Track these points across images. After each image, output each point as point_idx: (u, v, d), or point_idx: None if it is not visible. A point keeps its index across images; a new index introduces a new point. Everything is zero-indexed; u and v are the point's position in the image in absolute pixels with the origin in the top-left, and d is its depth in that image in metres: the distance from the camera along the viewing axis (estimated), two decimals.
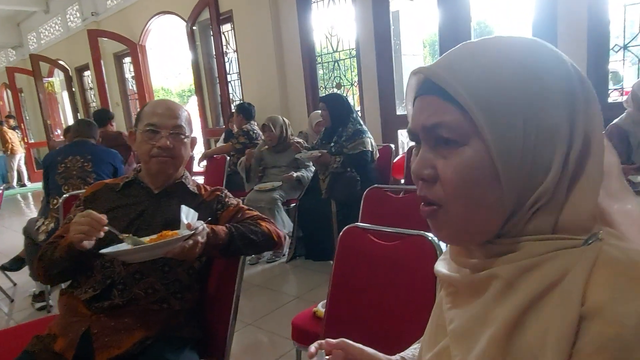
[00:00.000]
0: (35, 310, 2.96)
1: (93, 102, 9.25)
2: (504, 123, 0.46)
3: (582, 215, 0.47)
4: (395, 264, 1.19)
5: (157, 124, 1.29)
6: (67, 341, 1.17)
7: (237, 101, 5.67)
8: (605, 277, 0.42)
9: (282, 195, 3.51)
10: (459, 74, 0.48)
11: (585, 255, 0.44)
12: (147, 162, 1.32)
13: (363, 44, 4.38)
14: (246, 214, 1.38)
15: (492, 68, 0.47)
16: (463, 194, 0.48)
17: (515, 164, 0.46)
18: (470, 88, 0.47)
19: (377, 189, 1.91)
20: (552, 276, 0.45)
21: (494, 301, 0.49)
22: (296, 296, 2.87)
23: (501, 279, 0.48)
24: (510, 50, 0.48)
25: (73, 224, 1.11)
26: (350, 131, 3.04)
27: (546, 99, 0.46)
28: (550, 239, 0.47)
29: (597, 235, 0.46)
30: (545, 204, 0.48)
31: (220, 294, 1.40)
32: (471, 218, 0.49)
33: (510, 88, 0.46)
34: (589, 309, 0.41)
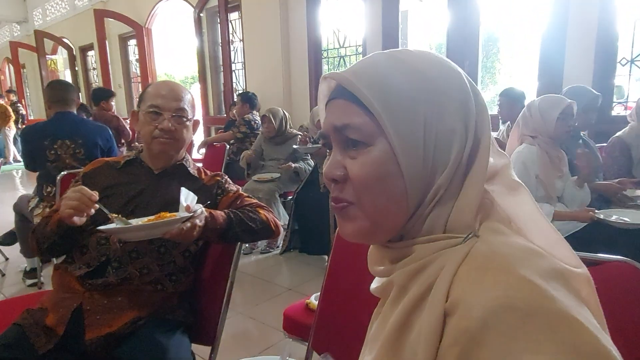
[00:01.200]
0: (26, 287, 2.94)
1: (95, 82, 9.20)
2: (406, 125, 0.49)
3: (467, 212, 0.50)
4: None
5: (160, 105, 1.28)
6: (58, 316, 1.16)
7: (240, 90, 5.64)
8: (465, 272, 0.44)
9: (279, 187, 3.51)
10: (366, 80, 0.51)
11: (457, 253, 0.47)
12: (149, 143, 1.31)
13: (370, 42, 4.37)
14: (245, 201, 1.38)
15: (397, 75, 0.51)
16: (370, 190, 0.51)
17: (417, 161, 0.49)
18: (376, 92, 0.50)
19: None
20: (432, 277, 0.47)
21: (390, 306, 0.52)
22: (288, 288, 2.87)
23: (396, 284, 0.52)
24: (414, 61, 0.52)
25: (64, 199, 1.10)
26: None
27: (445, 106, 0.50)
28: (438, 239, 0.50)
29: (474, 232, 0.49)
30: (440, 200, 0.50)
31: (215, 280, 1.39)
32: (379, 212, 0.51)
33: (413, 95, 0.50)
34: (450, 304, 0.43)
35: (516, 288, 0.40)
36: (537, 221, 0.53)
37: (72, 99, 2.81)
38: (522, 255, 0.44)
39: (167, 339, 1.17)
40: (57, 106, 2.75)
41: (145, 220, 1.12)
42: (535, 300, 0.39)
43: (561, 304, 0.39)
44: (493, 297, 0.40)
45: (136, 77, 8.03)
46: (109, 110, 4.74)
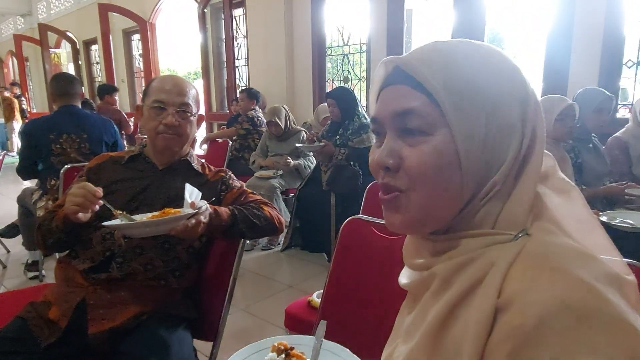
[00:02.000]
0: (28, 279, 2.95)
1: (99, 77, 9.20)
2: (469, 115, 0.49)
3: (519, 209, 0.49)
4: (395, 257, 1.19)
5: (165, 100, 1.28)
6: (62, 310, 1.17)
7: (243, 87, 5.64)
8: (520, 270, 0.44)
9: (281, 184, 3.50)
10: (430, 65, 0.50)
11: (509, 250, 0.46)
12: (153, 138, 1.31)
13: (374, 40, 4.36)
14: (249, 198, 1.38)
15: (463, 65, 0.50)
16: (427, 180, 0.50)
17: (476, 155, 0.49)
18: (440, 79, 0.49)
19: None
20: (480, 271, 0.47)
21: (432, 299, 0.51)
22: (289, 285, 2.87)
23: (439, 277, 0.51)
24: (479, 52, 0.51)
25: (68, 196, 1.10)
26: (356, 125, 3.03)
27: (507, 101, 0.50)
28: (486, 234, 0.50)
29: (526, 231, 0.48)
30: (494, 195, 0.50)
31: (218, 276, 1.40)
32: (431, 203, 0.51)
33: (478, 85, 0.49)
34: (503, 300, 0.43)
35: (574, 289, 0.40)
36: (588, 225, 0.53)
37: (77, 93, 2.80)
38: (577, 257, 0.44)
39: (170, 335, 1.17)
40: (62, 100, 2.74)
41: (149, 217, 1.12)
42: (593, 302, 0.39)
43: (619, 309, 0.39)
44: (550, 296, 0.40)
45: (139, 72, 8.03)
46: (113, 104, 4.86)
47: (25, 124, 2.94)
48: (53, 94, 2.78)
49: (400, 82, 0.52)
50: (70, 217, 1.09)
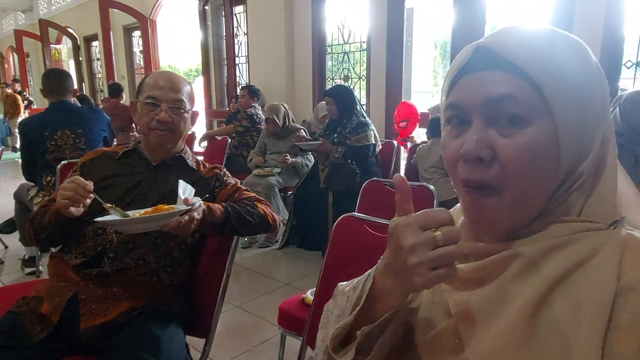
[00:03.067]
0: (25, 275, 2.95)
1: (99, 73, 9.20)
2: (571, 105, 0.47)
3: (607, 201, 0.49)
4: None
5: (157, 97, 1.27)
6: (53, 305, 1.17)
7: (243, 84, 5.63)
8: (636, 258, 0.44)
9: (279, 181, 3.50)
10: (530, 49, 0.47)
11: (614, 238, 0.46)
12: (147, 134, 1.30)
13: (374, 38, 4.35)
14: (243, 195, 1.37)
15: (562, 51, 0.48)
16: (525, 175, 0.47)
17: (572, 146, 0.48)
18: (541, 64, 0.46)
19: (376, 182, 1.91)
20: (580, 255, 0.46)
21: (513, 280, 0.49)
22: (286, 283, 2.87)
23: (524, 257, 0.49)
24: (569, 41, 0.50)
25: (60, 189, 1.10)
26: (354, 123, 3.03)
27: (593, 91, 0.49)
28: (576, 221, 0.49)
29: (620, 222, 0.47)
30: (580, 186, 0.49)
31: (211, 272, 1.39)
32: (526, 198, 0.49)
33: (576, 73, 0.48)
34: (626, 284, 0.43)
35: None
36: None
37: (69, 89, 2.78)
38: None
39: (161, 331, 1.16)
40: (53, 96, 2.73)
41: (142, 213, 1.12)
42: None
43: None
44: None
45: (140, 69, 8.03)
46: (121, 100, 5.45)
47: (20, 122, 2.93)
48: (44, 90, 2.78)
49: (492, 67, 0.48)
50: (62, 211, 1.09)
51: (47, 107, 2.79)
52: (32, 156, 2.69)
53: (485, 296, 0.51)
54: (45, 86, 2.76)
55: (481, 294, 0.51)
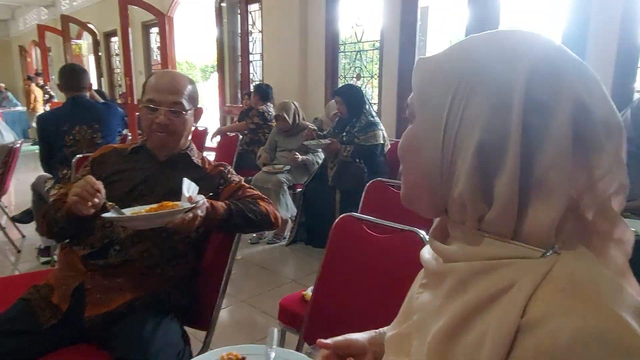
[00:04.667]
0: (40, 264, 3.05)
1: (117, 68, 9.35)
2: (430, 107, 0.52)
3: (542, 224, 0.47)
4: (384, 256, 1.21)
5: (156, 100, 1.31)
6: (61, 293, 1.22)
7: (257, 81, 5.68)
8: (549, 292, 0.43)
9: (288, 179, 3.53)
10: (420, 64, 0.55)
11: (536, 269, 0.45)
12: (149, 135, 1.36)
13: (387, 37, 4.34)
14: (247, 192, 1.41)
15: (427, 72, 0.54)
16: (406, 159, 0.57)
17: (429, 147, 0.52)
18: (418, 80, 0.54)
19: (379, 182, 1.92)
20: (503, 283, 0.46)
21: (447, 296, 0.51)
22: (292, 279, 2.91)
23: (456, 275, 0.50)
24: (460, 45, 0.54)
25: (72, 189, 1.15)
26: (364, 122, 3.04)
27: (475, 93, 0.49)
28: (512, 243, 0.48)
29: (556, 249, 0.46)
30: (504, 205, 0.47)
31: (214, 267, 1.43)
32: (413, 184, 0.56)
33: (441, 80, 0.51)
34: (527, 321, 0.42)
35: (608, 321, 0.40)
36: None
37: (84, 85, 2.86)
38: (612, 288, 0.43)
39: (157, 321, 1.21)
40: (69, 91, 2.81)
41: (147, 209, 1.16)
42: (627, 337, 0.39)
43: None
44: (583, 325, 0.39)
45: (157, 64, 8.14)
46: None
47: (38, 117, 3.02)
48: (61, 86, 2.86)
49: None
50: (72, 209, 1.14)
51: (64, 102, 2.87)
52: (49, 149, 2.78)
53: (430, 307, 0.54)
54: (61, 82, 2.84)
55: (430, 304, 0.54)
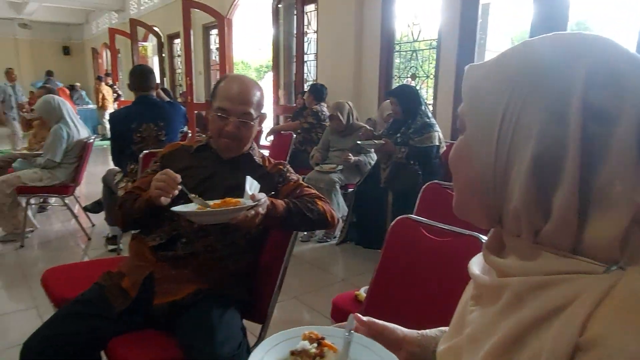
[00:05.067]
0: (107, 251, 3.27)
1: (179, 69, 9.80)
2: (482, 116, 0.50)
3: (605, 237, 0.44)
4: (443, 260, 1.19)
5: (228, 109, 1.36)
6: (133, 281, 1.30)
7: (311, 81, 5.75)
8: (611, 310, 0.40)
9: (341, 178, 3.55)
10: (470, 72, 0.54)
11: (598, 285, 0.42)
12: (216, 139, 1.41)
13: (445, 35, 4.24)
14: (304, 191, 1.43)
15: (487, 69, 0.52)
16: (455, 173, 0.56)
17: (482, 158, 0.50)
18: (468, 88, 0.53)
19: (436, 185, 1.89)
20: (561, 300, 0.43)
21: (502, 312, 0.49)
22: (342, 278, 2.92)
23: (512, 291, 0.48)
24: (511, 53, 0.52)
25: (153, 181, 1.23)
26: (419, 124, 2.99)
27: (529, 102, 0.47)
28: (571, 257, 0.45)
29: (620, 265, 0.43)
30: (562, 217, 0.45)
31: (271, 263, 1.48)
32: (464, 198, 0.56)
33: (491, 90, 0.50)
34: (586, 339, 0.40)
35: None
36: None
37: (152, 85, 3.05)
38: None
39: (221, 313, 1.26)
40: (138, 91, 3.01)
41: (211, 204, 1.22)
42: None
43: None
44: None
45: (215, 65, 8.45)
46: None
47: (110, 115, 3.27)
48: (130, 86, 3.06)
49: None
50: (153, 199, 1.22)
51: (133, 101, 3.07)
52: (120, 146, 2.98)
53: (483, 323, 0.52)
54: (131, 82, 3.04)
55: (484, 319, 0.52)
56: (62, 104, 3.56)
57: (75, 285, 1.53)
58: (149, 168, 1.47)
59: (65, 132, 3.44)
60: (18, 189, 3.30)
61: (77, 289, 1.42)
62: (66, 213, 4.22)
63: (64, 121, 3.48)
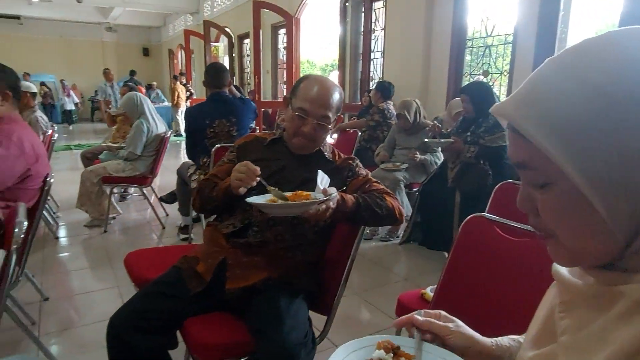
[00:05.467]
0: (179, 240, 3.47)
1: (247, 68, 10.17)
2: (583, 152, 0.42)
3: None
4: (519, 261, 1.13)
5: (308, 110, 1.38)
6: (207, 266, 1.37)
7: (377, 79, 5.70)
8: None
9: (406, 177, 3.49)
10: (529, 111, 0.45)
11: None
12: (291, 137, 1.44)
13: (522, 30, 4.02)
14: (373, 186, 1.43)
15: (565, 96, 0.43)
16: (565, 228, 0.48)
17: (609, 191, 0.42)
18: (542, 125, 0.44)
19: (511, 185, 1.80)
20: None
21: (617, 320, 0.46)
22: (404, 278, 2.88)
23: (629, 299, 0.45)
24: (589, 66, 0.43)
25: (234, 171, 1.27)
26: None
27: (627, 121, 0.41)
28: None
29: None
30: None
31: (337, 257, 1.49)
32: (582, 246, 0.48)
33: (585, 117, 0.42)
34: None
35: None
36: None
37: (225, 83, 3.19)
38: None
39: (290, 301, 1.29)
40: (212, 88, 3.17)
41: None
42: None
43: None
44: None
45: (282, 64, 8.66)
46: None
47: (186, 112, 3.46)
48: (205, 82, 3.23)
49: (512, 129, 0.49)
50: (233, 190, 1.27)
51: (207, 98, 3.23)
52: (194, 140, 3.15)
53: (590, 332, 0.49)
54: (206, 79, 3.20)
55: (587, 328, 0.49)
56: (144, 101, 3.83)
57: (155, 268, 1.64)
58: (225, 157, 1.53)
59: (146, 127, 3.69)
60: (103, 179, 3.60)
61: (156, 271, 1.53)
62: (143, 202, 4.54)
63: (145, 116, 3.74)
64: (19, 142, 1.82)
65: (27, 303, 2.33)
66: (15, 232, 1.12)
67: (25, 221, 1.17)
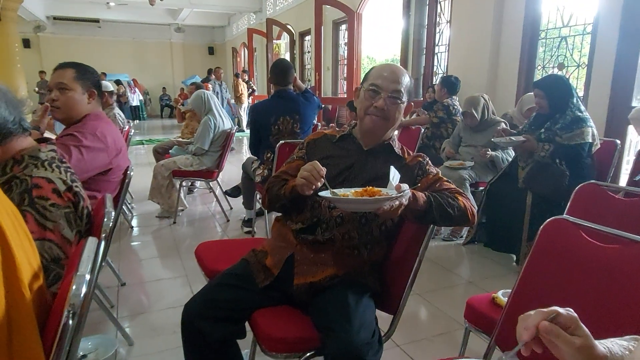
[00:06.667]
0: (243, 233, 3.58)
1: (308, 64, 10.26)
2: None
3: None
4: (609, 270, 1.04)
5: (380, 85, 1.38)
6: (275, 260, 1.40)
7: (440, 74, 5.53)
8: None
9: (471, 175, 3.36)
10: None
11: None
12: (362, 117, 1.43)
13: (604, 19, 3.71)
14: (444, 185, 1.38)
15: None
16: None
17: None
18: None
19: (593, 186, 1.67)
20: None
21: None
22: (468, 280, 2.77)
23: None
24: None
25: (301, 170, 1.27)
26: (569, 118, 2.66)
27: None
28: None
29: None
30: None
31: (404, 256, 1.46)
32: None
33: None
34: None
35: None
36: None
37: (290, 80, 3.23)
38: None
39: (357, 299, 1.29)
40: (277, 85, 3.22)
41: (352, 192, 1.23)
42: None
43: None
44: None
45: (342, 60, 8.65)
46: None
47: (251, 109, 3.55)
48: (271, 80, 3.28)
49: None
50: (297, 189, 1.29)
51: (272, 95, 3.30)
52: (258, 136, 3.24)
53: None
54: (272, 77, 3.26)
55: None
56: (211, 98, 3.98)
57: (223, 259, 1.71)
58: (295, 154, 1.55)
59: (213, 123, 3.85)
60: (173, 172, 3.80)
61: (224, 263, 1.58)
62: (209, 196, 4.74)
63: (212, 113, 3.89)
64: (103, 137, 1.95)
65: (107, 287, 2.52)
66: (105, 221, 1.20)
67: (113, 211, 1.26)
